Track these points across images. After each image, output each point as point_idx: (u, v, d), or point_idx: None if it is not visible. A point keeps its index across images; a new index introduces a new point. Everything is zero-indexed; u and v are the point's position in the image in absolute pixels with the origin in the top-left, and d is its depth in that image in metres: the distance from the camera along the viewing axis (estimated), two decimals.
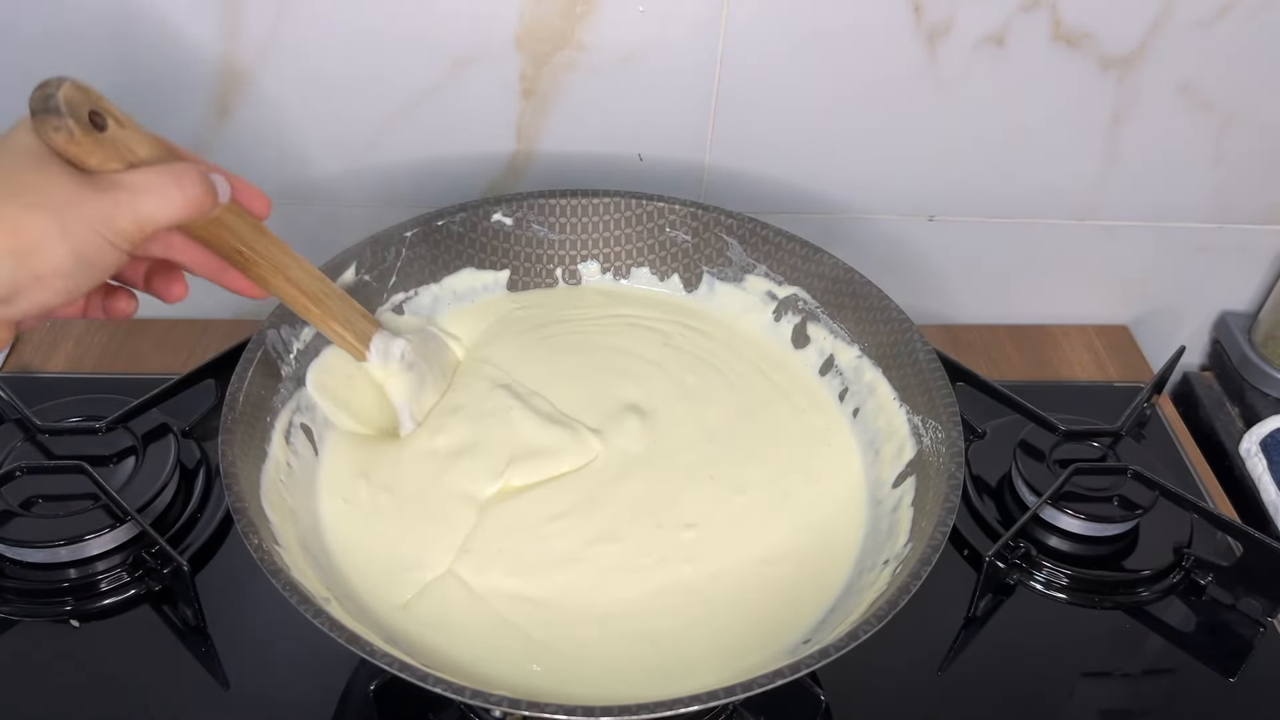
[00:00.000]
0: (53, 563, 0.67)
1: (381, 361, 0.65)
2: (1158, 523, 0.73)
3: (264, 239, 0.56)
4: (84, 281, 0.46)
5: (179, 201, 0.48)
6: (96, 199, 0.45)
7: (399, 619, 0.57)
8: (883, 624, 0.51)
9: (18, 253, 0.43)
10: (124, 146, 0.46)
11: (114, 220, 0.45)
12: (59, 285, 0.44)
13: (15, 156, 0.44)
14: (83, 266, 0.45)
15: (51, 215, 0.43)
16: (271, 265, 0.57)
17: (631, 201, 0.75)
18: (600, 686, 0.55)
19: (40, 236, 0.43)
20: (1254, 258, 0.91)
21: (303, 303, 0.60)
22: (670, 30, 0.75)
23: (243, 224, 0.54)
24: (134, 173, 0.47)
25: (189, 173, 0.48)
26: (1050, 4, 0.75)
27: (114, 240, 0.45)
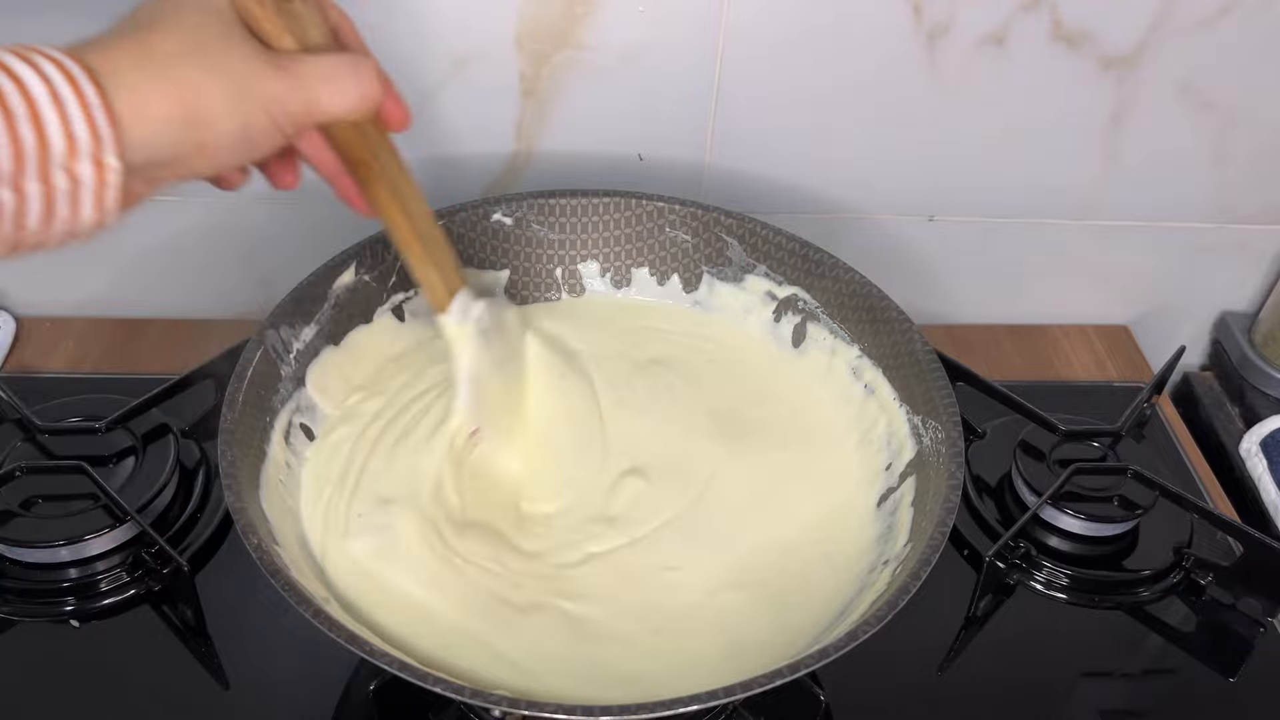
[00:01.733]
0: (53, 563, 0.67)
1: (459, 318, 0.61)
2: (1158, 523, 0.73)
3: (392, 156, 0.54)
4: (240, 158, 0.44)
5: (354, 95, 0.46)
6: (275, 77, 0.44)
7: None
8: (883, 624, 0.51)
9: (190, 120, 0.41)
10: (302, 25, 0.45)
11: (286, 102, 0.44)
12: (217, 158, 0.43)
13: (203, 18, 0.43)
14: (244, 143, 0.43)
15: (228, 86, 0.42)
16: (390, 186, 0.55)
17: (631, 201, 0.75)
18: (601, 688, 0.55)
19: (214, 106, 0.41)
20: (1254, 258, 0.91)
21: (407, 235, 0.57)
22: (670, 30, 0.75)
23: (377, 132, 0.53)
24: (314, 58, 0.46)
25: (368, 67, 0.47)
26: (1050, 4, 0.75)
27: (281, 122, 0.44)
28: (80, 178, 0.38)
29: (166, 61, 0.41)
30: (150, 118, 0.40)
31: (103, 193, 0.39)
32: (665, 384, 0.71)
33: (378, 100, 0.48)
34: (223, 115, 0.42)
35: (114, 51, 0.40)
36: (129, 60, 0.40)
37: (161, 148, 0.41)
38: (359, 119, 0.49)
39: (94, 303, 0.88)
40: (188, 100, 0.41)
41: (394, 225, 0.57)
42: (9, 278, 0.87)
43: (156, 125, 0.40)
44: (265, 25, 0.44)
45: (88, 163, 0.38)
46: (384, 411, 0.67)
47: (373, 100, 0.47)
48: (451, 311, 0.61)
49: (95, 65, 0.39)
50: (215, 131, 0.42)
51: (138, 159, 0.40)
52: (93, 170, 0.38)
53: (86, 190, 0.39)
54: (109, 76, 0.39)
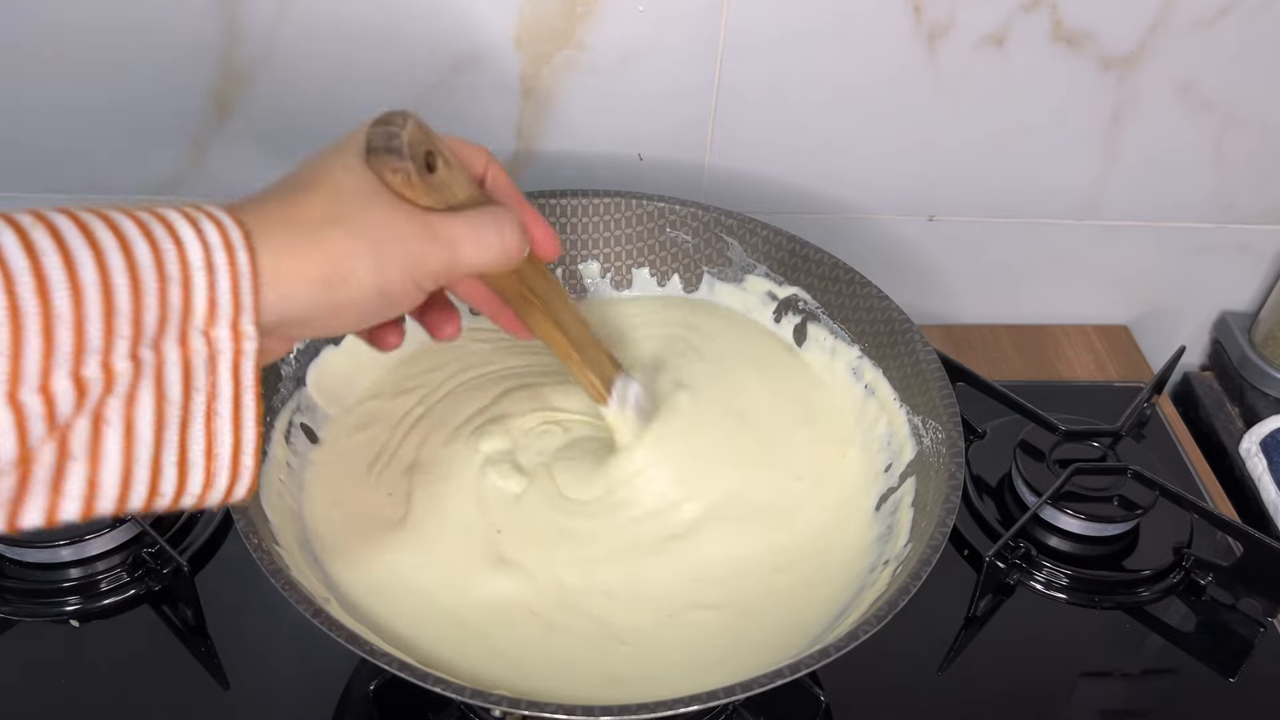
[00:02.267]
0: (53, 562, 0.67)
1: (619, 408, 0.63)
2: (1158, 523, 0.73)
3: (547, 283, 0.55)
4: (378, 317, 0.45)
5: (496, 250, 0.47)
6: (416, 239, 0.44)
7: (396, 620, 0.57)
8: (883, 624, 0.51)
9: (329, 282, 0.41)
10: (448, 188, 0.45)
11: (427, 262, 0.44)
12: (353, 318, 0.43)
13: (352, 183, 0.43)
14: (382, 303, 0.44)
15: (371, 249, 0.42)
16: (547, 309, 0.56)
17: (631, 201, 0.74)
18: (601, 688, 0.55)
19: (355, 269, 0.42)
20: (1254, 258, 0.91)
21: (566, 348, 0.59)
22: (670, 30, 0.75)
23: (531, 267, 0.53)
24: (456, 216, 0.46)
25: (509, 221, 0.47)
26: (1050, 4, 0.75)
27: (421, 281, 0.44)
28: (216, 343, 0.38)
29: (312, 225, 0.41)
30: (290, 281, 0.40)
31: (239, 360, 0.39)
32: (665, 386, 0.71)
33: (520, 251, 0.48)
34: (361, 279, 0.42)
35: (263, 213, 0.40)
36: (277, 222, 0.40)
37: (299, 310, 0.41)
38: (503, 270, 0.49)
39: None
40: (329, 264, 0.41)
41: (554, 345, 0.58)
42: None
43: (296, 288, 0.40)
44: (416, 199, 0.44)
45: (225, 329, 0.38)
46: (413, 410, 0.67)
47: (515, 252, 0.48)
48: (611, 405, 0.63)
49: (250, 227, 0.39)
50: (352, 294, 0.42)
51: (271, 320, 0.40)
52: (229, 336, 0.39)
53: (223, 357, 0.39)
54: (258, 240, 0.39)
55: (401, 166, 0.43)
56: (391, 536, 0.61)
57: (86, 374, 0.35)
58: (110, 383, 0.36)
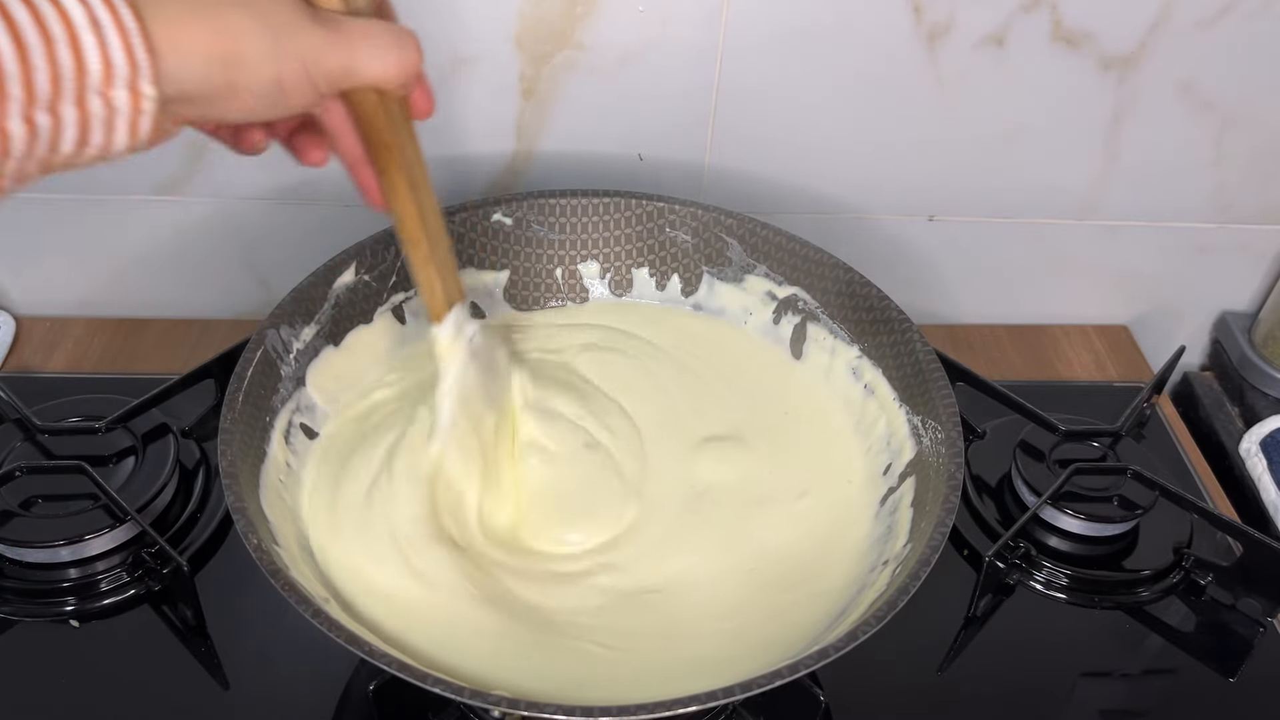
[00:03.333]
0: (53, 563, 0.67)
1: (453, 332, 0.59)
2: (1158, 523, 0.73)
3: (414, 145, 0.54)
4: (269, 109, 0.44)
5: (392, 62, 0.46)
6: (316, 32, 0.44)
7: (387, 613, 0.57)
8: (882, 624, 0.51)
9: (224, 58, 0.41)
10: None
11: (325, 58, 0.44)
12: (247, 103, 0.43)
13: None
14: (276, 94, 0.43)
15: (268, 32, 0.42)
16: (408, 175, 0.54)
17: (631, 201, 0.75)
18: (601, 688, 0.55)
19: (251, 48, 0.41)
20: (1254, 258, 0.91)
21: (416, 231, 0.56)
22: (670, 30, 0.75)
23: (403, 116, 0.52)
24: (358, 20, 0.46)
25: (410, 37, 0.47)
26: (1050, 4, 0.75)
27: (316, 79, 0.44)
28: (115, 104, 0.38)
29: (209, 2, 0.41)
30: (186, 51, 0.40)
31: (137, 120, 0.39)
32: (664, 386, 0.71)
33: (415, 70, 0.48)
34: (259, 59, 0.42)
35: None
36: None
37: (195, 83, 0.41)
38: (393, 88, 0.48)
39: (94, 303, 0.88)
40: (225, 39, 0.41)
41: (405, 218, 0.55)
42: (9, 278, 0.87)
43: (192, 60, 0.40)
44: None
45: (123, 90, 0.38)
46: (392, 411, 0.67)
47: (411, 69, 0.47)
48: (446, 323, 0.59)
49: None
50: (249, 75, 0.42)
51: (170, 91, 0.40)
52: (128, 97, 0.38)
53: (121, 117, 0.39)
54: (149, 8, 0.39)
55: None
56: (392, 536, 0.60)
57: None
58: (4, 146, 0.36)
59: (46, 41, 0.36)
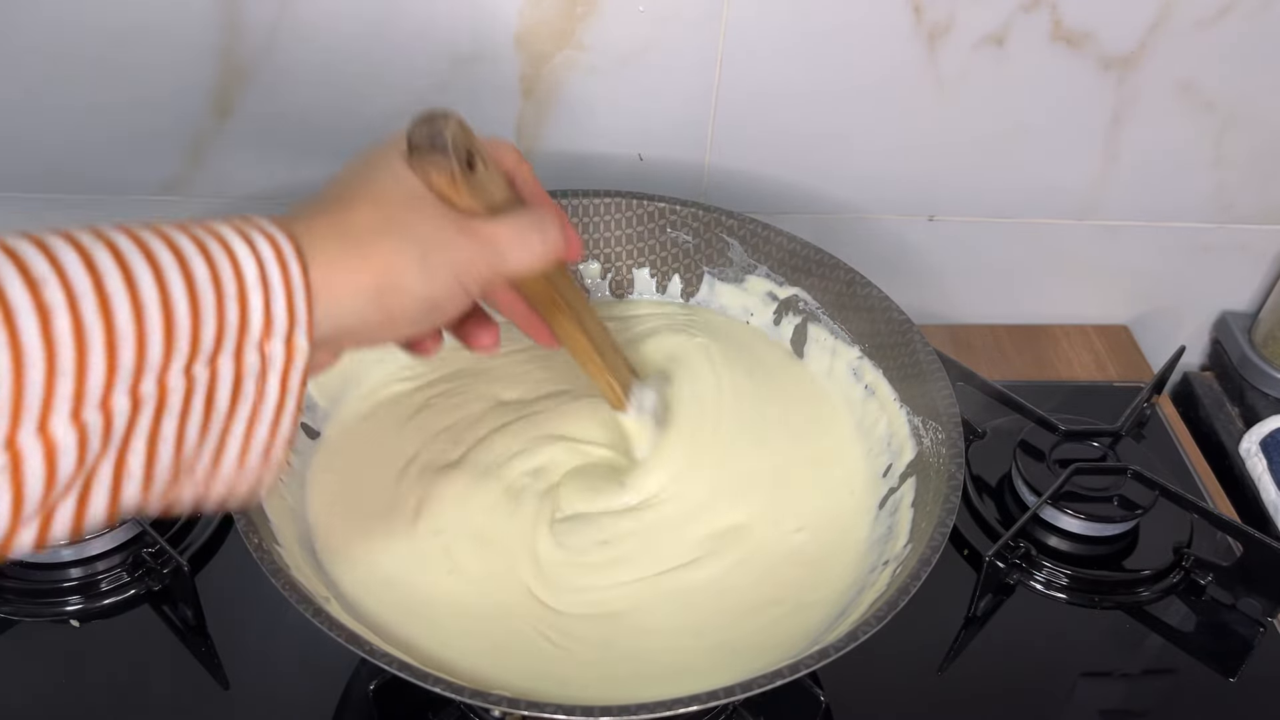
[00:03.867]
0: (53, 562, 0.67)
1: (636, 414, 0.63)
2: (1158, 523, 0.73)
3: (571, 286, 0.55)
4: (426, 325, 0.44)
5: (540, 250, 0.47)
6: (463, 243, 0.44)
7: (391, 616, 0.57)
8: (882, 624, 0.51)
9: (379, 291, 0.41)
10: (488, 188, 0.45)
11: (475, 266, 0.44)
12: (403, 326, 0.43)
13: (396, 190, 0.43)
14: (431, 310, 0.43)
15: (419, 257, 0.42)
16: (573, 314, 0.55)
17: (632, 201, 0.74)
18: (601, 688, 0.55)
19: (404, 277, 0.42)
20: (1254, 258, 0.91)
21: (590, 353, 0.58)
22: (670, 30, 0.75)
23: (558, 270, 0.53)
24: (499, 220, 0.45)
25: (550, 220, 0.47)
26: (1050, 4, 0.75)
27: (469, 286, 0.44)
28: (269, 356, 0.38)
29: (362, 235, 0.41)
30: (342, 292, 0.40)
31: (289, 372, 0.39)
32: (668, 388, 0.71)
33: (561, 251, 0.48)
34: (411, 287, 0.42)
35: (315, 226, 0.41)
36: (328, 236, 0.41)
37: (350, 321, 0.41)
38: (544, 270, 0.49)
39: None
40: (379, 272, 0.41)
41: (579, 350, 0.58)
42: None
43: (347, 299, 0.40)
44: (458, 200, 0.44)
45: (280, 342, 0.38)
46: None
47: (557, 252, 0.48)
48: (629, 411, 0.63)
49: (301, 240, 0.39)
50: (403, 302, 0.42)
51: (325, 331, 0.40)
52: (283, 349, 0.39)
53: (274, 370, 0.39)
54: (310, 253, 0.39)
55: (446, 165, 0.43)
56: (393, 536, 0.61)
57: (144, 391, 0.35)
58: (164, 400, 0.36)
59: (218, 297, 0.36)
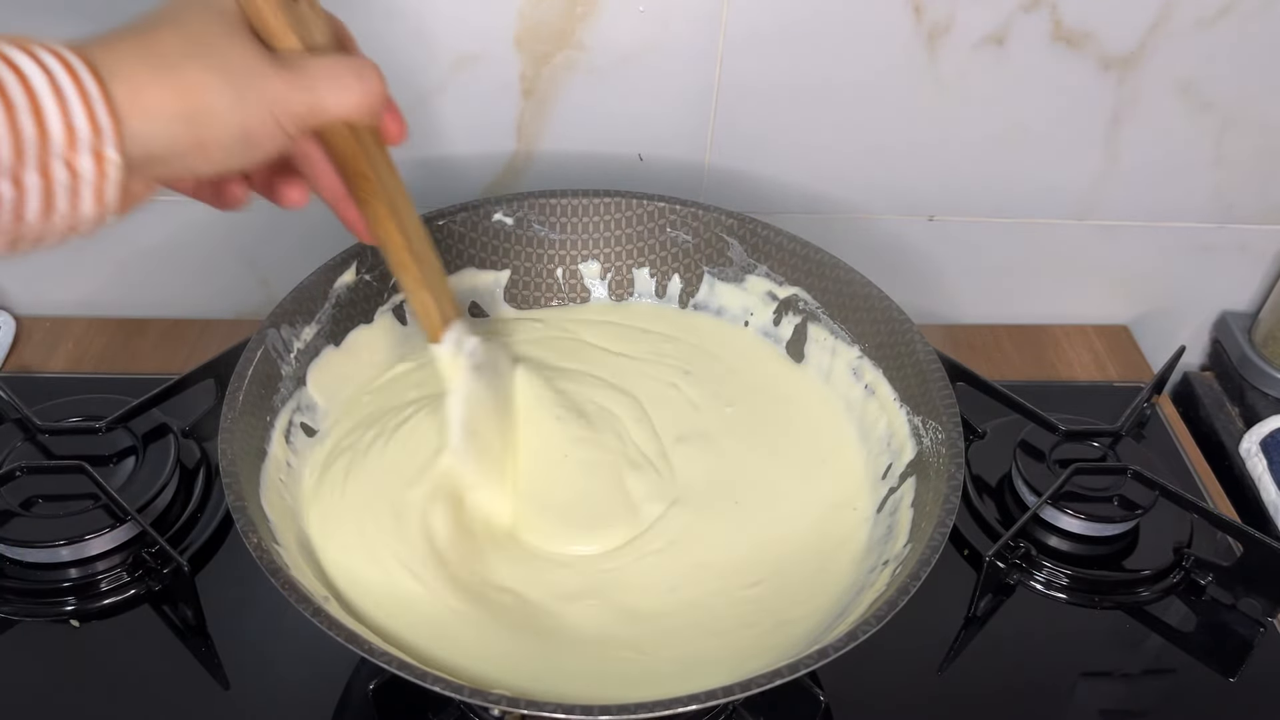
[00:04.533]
0: (53, 563, 0.67)
1: (453, 350, 0.61)
2: (1158, 523, 0.73)
3: (391, 172, 0.53)
4: (239, 158, 0.44)
5: (357, 95, 0.46)
6: (277, 76, 0.43)
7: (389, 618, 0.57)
8: (882, 624, 0.51)
9: (189, 116, 0.41)
10: (307, 27, 0.45)
11: (289, 101, 0.44)
12: (217, 156, 0.43)
13: (206, 16, 0.43)
14: (245, 143, 0.43)
15: (230, 83, 0.42)
16: (389, 203, 0.54)
17: (632, 201, 0.75)
18: (601, 688, 0.55)
19: (215, 103, 0.41)
20: (1254, 258, 0.91)
21: (404, 256, 0.56)
22: (670, 30, 0.75)
23: (376, 145, 0.52)
24: (318, 57, 0.46)
25: (371, 69, 0.47)
26: (1050, 4, 0.75)
27: (284, 122, 0.44)
28: (80, 170, 0.38)
29: (168, 58, 0.41)
30: (150, 112, 0.40)
31: (103, 186, 0.39)
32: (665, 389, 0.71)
33: (380, 101, 0.48)
34: (223, 112, 0.42)
35: (116, 47, 0.40)
36: (131, 56, 0.40)
37: (161, 143, 0.40)
38: (361, 120, 0.49)
39: (94, 303, 0.88)
40: (189, 96, 0.41)
41: (391, 245, 0.56)
42: (9, 278, 0.87)
43: (157, 120, 0.40)
44: (270, 22, 0.44)
45: (87, 155, 0.38)
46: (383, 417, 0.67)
47: (376, 100, 0.47)
48: (445, 342, 0.61)
49: (96, 59, 0.39)
50: (215, 128, 0.42)
51: (137, 154, 0.40)
52: (92, 163, 0.38)
53: (86, 184, 0.39)
54: (110, 71, 0.39)
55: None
56: (393, 536, 0.61)
57: None
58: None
59: (7, 108, 0.36)
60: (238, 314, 0.88)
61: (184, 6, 0.43)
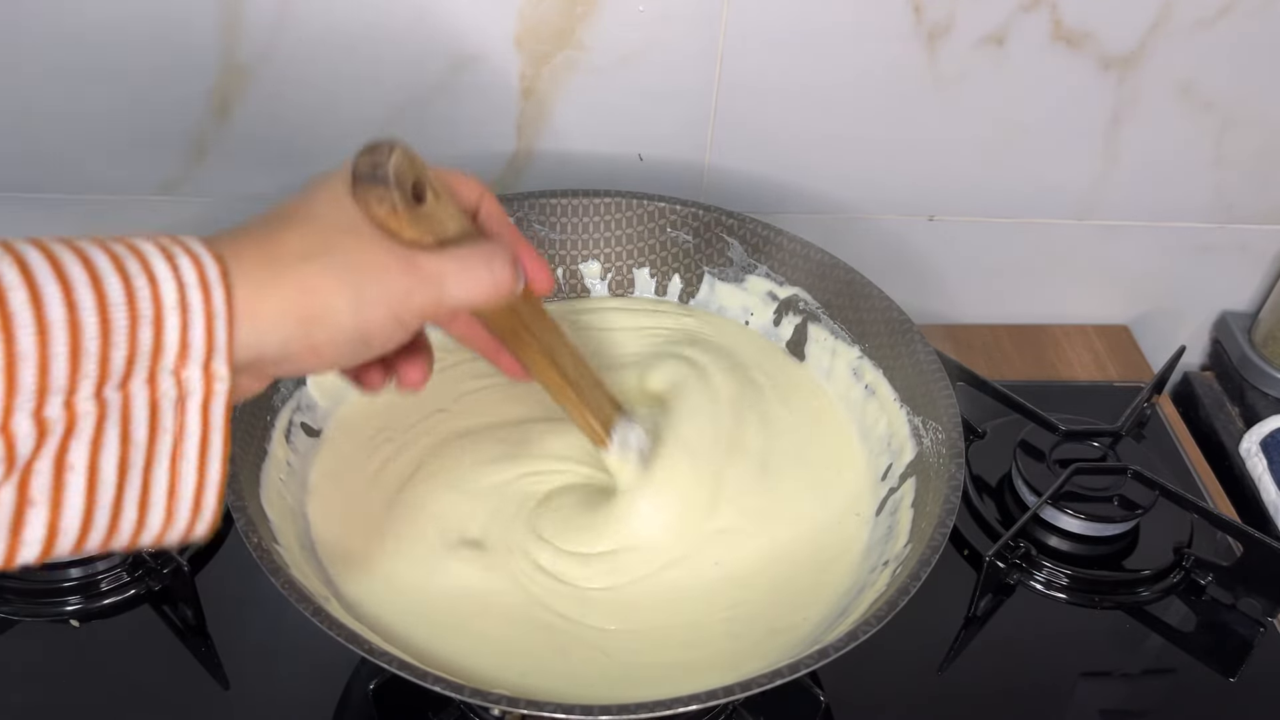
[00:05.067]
0: (52, 563, 0.67)
1: (620, 453, 0.61)
2: (1158, 523, 0.73)
3: (541, 319, 0.53)
4: (353, 357, 0.42)
5: (487, 285, 0.44)
6: (399, 273, 0.42)
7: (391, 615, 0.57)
8: (882, 624, 0.51)
9: (305, 320, 0.39)
10: (437, 221, 0.44)
11: (411, 299, 0.42)
12: (329, 355, 0.41)
13: (336, 218, 0.42)
14: (361, 343, 0.41)
15: (350, 286, 0.40)
16: (543, 348, 0.54)
17: (632, 201, 0.74)
18: (600, 688, 0.55)
19: (332, 307, 0.40)
20: (1254, 258, 0.91)
21: (564, 388, 0.56)
22: (670, 30, 0.75)
23: (526, 304, 0.51)
24: (444, 251, 0.43)
25: (500, 255, 0.45)
26: (1050, 4, 0.75)
27: (405, 319, 0.42)
28: (187, 383, 0.37)
29: (289, 261, 0.39)
30: (265, 318, 0.38)
31: (209, 401, 0.38)
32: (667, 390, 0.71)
33: (512, 286, 0.46)
34: (339, 317, 0.40)
35: (242, 247, 0.39)
36: (254, 257, 0.39)
37: (273, 347, 0.39)
38: (493, 306, 0.48)
39: None
40: (305, 301, 0.39)
41: (551, 387, 0.56)
42: None
43: (271, 326, 0.39)
44: (401, 232, 0.43)
45: (196, 369, 0.37)
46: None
47: (506, 288, 0.45)
48: (612, 449, 0.61)
49: (227, 263, 0.38)
50: (329, 333, 0.40)
51: (246, 358, 0.38)
52: (200, 377, 0.37)
53: (193, 399, 0.37)
54: (234, 275, 0.38)
55: (387, 196, 0.41)
56: (393, 536, 0.61)
57: (49, 415, 0.34)
58: (73, 424, 0.35)
59: (131, 320, 0.35)
60: None
61: (310, 203, 0.42)
